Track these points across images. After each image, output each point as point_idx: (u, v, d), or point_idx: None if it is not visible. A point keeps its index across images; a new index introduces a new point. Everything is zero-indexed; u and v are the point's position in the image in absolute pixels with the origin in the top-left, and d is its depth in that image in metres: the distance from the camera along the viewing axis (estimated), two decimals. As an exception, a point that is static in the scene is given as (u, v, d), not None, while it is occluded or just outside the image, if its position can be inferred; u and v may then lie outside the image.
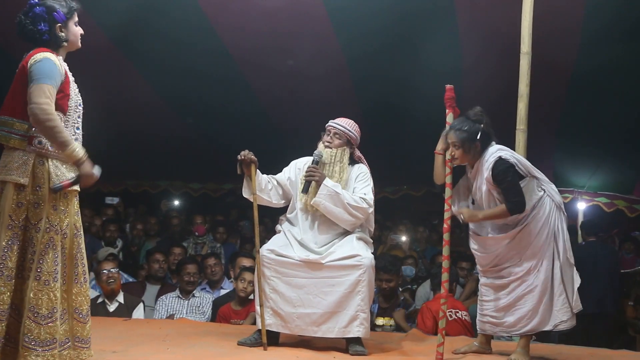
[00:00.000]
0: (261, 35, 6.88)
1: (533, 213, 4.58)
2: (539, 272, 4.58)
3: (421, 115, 5.21)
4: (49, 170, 3.60)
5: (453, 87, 4.69)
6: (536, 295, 4.58)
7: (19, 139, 3.59)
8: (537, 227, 4.58)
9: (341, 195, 4.91)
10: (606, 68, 7.02)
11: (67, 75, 3.70)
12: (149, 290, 7.19)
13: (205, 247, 9.07)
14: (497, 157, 4.52)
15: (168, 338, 5.15)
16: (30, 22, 3.66)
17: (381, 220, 10.72)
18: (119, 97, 7.95)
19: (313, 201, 4.93)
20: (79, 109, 3.77)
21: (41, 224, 3.55)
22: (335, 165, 5.05)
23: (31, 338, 3.50)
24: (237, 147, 4.97)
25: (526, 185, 4.58)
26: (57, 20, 3.70)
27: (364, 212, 5.00)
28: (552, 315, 4.58)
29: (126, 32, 6.82)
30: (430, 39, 6.66)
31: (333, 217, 4.97)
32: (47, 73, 3.54)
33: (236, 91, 7.92)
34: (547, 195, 4.63)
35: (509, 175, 4.50)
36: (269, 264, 4.89)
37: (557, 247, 4.60)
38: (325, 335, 4.85)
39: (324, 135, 5.15)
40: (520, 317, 4.63)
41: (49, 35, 3.69)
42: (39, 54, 3.60)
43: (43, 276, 3.53)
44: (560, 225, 4.63)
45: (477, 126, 4.61)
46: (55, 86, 3.57)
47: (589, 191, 10.49)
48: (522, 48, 5.57)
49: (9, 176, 3.56)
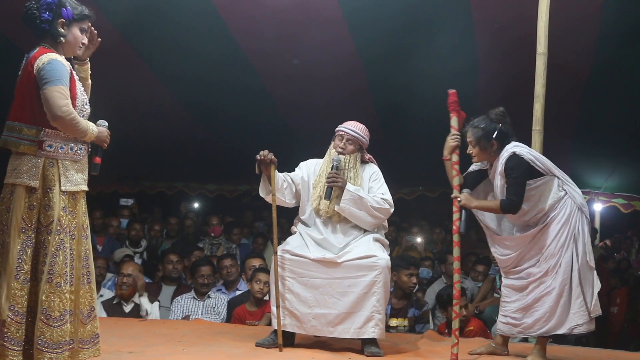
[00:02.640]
0: (277, 40, 6.89)
1: (553, 213, 4.56)
2: (557, 274, 4.55)
3: (436, 116, 5.19)
4: (59, 173, 3.62)
5: (456, 92, 4.68)
6: (554, 296, 4.55)
7: (28, 144, 3.59)
8: (557, 227, 4.55)
9: (365, 199, 4.93)
10: (623, 68, 6.98)
11: (73, 75, 3.71)
12: (164, 291, 7.22)
13: (220, 248, 9.08)
14: (512, 152, 4.53)
15: (184, 339, 5.17)
16: (37, 7, 3.65)
17: (397, 222, 10.71)
18: (137, 100, 7.99)
19: (338, 207, 4.94)
20: (85, 108, 3.77)
21: (52, 226, 3.57)
22: (350, 172, 5.06)
23: (44, 340, 3.52)
24: (253, 149, 4.98)
25: (545, 184, 4.56)
26: (63, 16, 3.69)
27: (387, 213, 5.05)
28: (568, 318, 4.55)
29: (143, 37, 6.86)
30: (445, 41, 6.65)
31: (356, 220, 4.99)
32: (58, 74, 3.54)
33: (252, 94, 7.94)
34: (568, 196, 4.60)
35: (518, 171, 4.48)
36: (285, 264, 4.91)
37: (576, 249, 4.56)
38: (341, 335, 4.84)
39: (335, 139, 5.15)
40: (537, 318, 4.61)
41: (48, 26, 3.66)
42: (44, 55, 3.59)
43: (55, 278, 3.55)
44: (581, 227, 4.59)
45: (494, 125, 4.62)
46: (67, 86, 3.59)
47: (605, 192, 10.44)
48: (538, 49, 5.55)
49: (19, 179, 3.57)
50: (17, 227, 3.54)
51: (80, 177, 3.73)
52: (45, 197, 3.58)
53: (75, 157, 3.70)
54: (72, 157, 3.68)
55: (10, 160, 3.65)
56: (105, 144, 3.84)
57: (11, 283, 3.51)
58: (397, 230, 10.23)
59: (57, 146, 3.62)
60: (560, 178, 4.63)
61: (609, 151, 8.89)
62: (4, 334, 3.50)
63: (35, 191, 3.57)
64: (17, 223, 3.54)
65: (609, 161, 9.41)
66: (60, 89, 3.53)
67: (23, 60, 3.69)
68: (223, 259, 7.38)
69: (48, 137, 3.60)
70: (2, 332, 3.50)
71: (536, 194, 4.55)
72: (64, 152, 3.64)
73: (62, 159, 3.64)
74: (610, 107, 7.85)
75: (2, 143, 3.65)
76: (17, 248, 3.53)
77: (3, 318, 3.49)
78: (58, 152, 3.63)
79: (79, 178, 3.72)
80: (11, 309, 3.51)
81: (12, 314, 3.51)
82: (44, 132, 3.59)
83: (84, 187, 3.75)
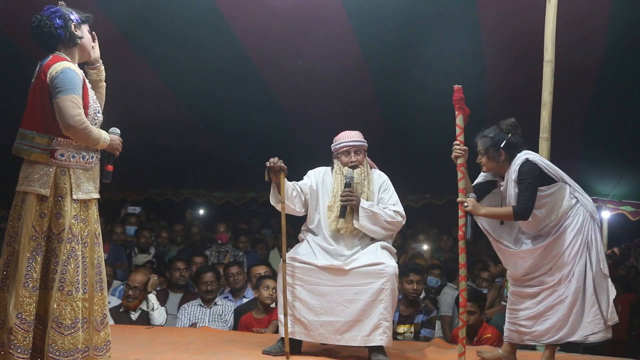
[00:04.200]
0: (282, 45, 6.91)
1: (567, 222, 4.55)
2: (570, 282, 4.53)
3: (444, 123, 5.19)
4: (71, 181, 3.64)
5: (461, 88, 4.63)
6: (567, 305, 4.53)
7: (39, 152, 3.62)
8: (571, 236, 4.54)
9: (379, 214, 4.97)
10: (631, 75, 6.96)
11: (85, 83, 3.73)
12: (171, 298, 7.22)
13: (227, 255, 9.08)
14: (525, 159, 4.51)
15: (191, 346, 5.17)
16: (46, 17, 3.69)
17: (404, 229, 10.67)
18: (144, 108, 8.01)
19: (358, 224, 4.95)
20: (97, 117, 3.80)
21: (64, 234, 3.58)
22: (365, 180, 5.08)
23: (55, 349, 3.54)
24: (259, 157, 4.98)
25: (558, 191, 4.55)
26: (73, 20, 3.74)
27: (399, 225, 5.13)
28: (581, 326, 4.52)
29: (151, 40, 6.88)
30: (453, 48, 6.65)
31: (370, 233, 5.04)
32: (71, 83, 3.57)
33: (261, 104, 7.96)
34: (580, 204, 4.59)
35: (531, 177, 4.46)
36: (292, 272, 4.91)
37: (590, 257, 4.54)
38: (349, 343, 4.84)
39: (341, 157, 5.13)
40: (549, 326, 4.58)
41: (64, 32, 3.70)
42: (57, 64, 3.61)
43: (66, 287, 3.57)
44: (593, 235, 4.58)
45: (503, 135, 4.60)
46: (80, 95, 3.61)
47: (613, 200, 10.40)
48: (545, 56, 5.54)
49: (30, 187, 3.60)
50: (27, 235, 3.56)
51: (92, 185, 3.76)
52: (56, 205, 3.60)
53: (86, 166, 3.72)
54: (84, 166, 3.71)
55: (22, 167, 3.68)
56: (117, 152, 3.87)
57: (19, 291, 3.52)
58: (403, 238, 10.20)
59: (69, 155, 3.65)
60: (571, 185, 4.62)
61: (617, 158, 8.86)
62: (10, 342, 3.51)
63: (47, 199, 3.59)
64: (27, 231, 3.56)
65: (617, 168, 9.38)
66: (73, 97, 3.56)
67: (36, 68, 3.71)
68: (230, 267, 7.37)
69: (60, 145, 3.63)
70: (8, 339, 3.51)
71: (549, 202, 4.53)
72: (75, 161, 3.67)
73: (73, 168, 3.67)
74: (617, 115, 7.82)
75: (15, 151, 3.69)
76: (26, 256, 3.55)
77: (10, 325, 3.50)
78: (70, 160, 3.65)
79: (91, 186, 3.75)
80: (19, 317, 3.52)
81: (20, 322, 3.53)
82: (56, 141, 3.62)
83: (95, 195, 3.78)
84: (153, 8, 6.32)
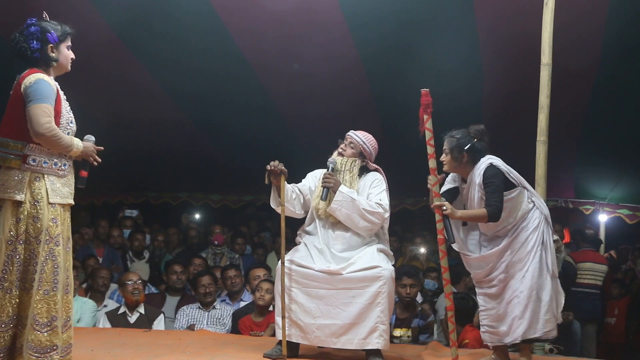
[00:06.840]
0: (280, 48, 6.91)
1: (523, 224, 4.69)
2: (524, 278, 4.63)
3: (440, 126, 5.19)
4: (46, 186, 3.76)
5: (429, 91, 4.68)
6: (522, 300, 4.62)
7: (14, 158, 3.74)
8: (526, 234, 4.67)
9: (357, 201, 4.91)
10: (628, 78, 6.97)
11: (59, 94, 3.85)
12: (168, 301, 7.21)
13: (223, 258, 9.07)
14: (489, 163, 4.62)
15: (189, 349, 5.16)
16: (23, 39, 3.82)
17: (400, 232, 10.68)
18: (142, 111, 8.00)
19: (329, 208, 4.94)
20: (70, 126, 3.90)
21: (42, 237, 3.72)
22: (345, 174, 5.06)
23: (32, 346, 3.65)
24: (257, 160, 4.98)
25: (518, 195, 4.67)
26: (50, 41, 3.85)
27: (380, 217, 4.98)
28: (540, 323, 4.62)
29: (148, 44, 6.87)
30: (450, 50, 6.66)
31: (349, 223, 4.96)
32: (43, 93, 3.70)
33: (258, 108, 7.96)
34: (536, 207, 4.74)
35: (498, 180, 4.57)
36: (289, 275, 4.90)
37: (545, 257, 4.67)
38: (345, 346, 4.83)
39: (340, 143, 5.19)
40: (510, 324, 4.68)
41: (39, 54, 3.83)
42: (32, 75, 3.74)
43: (43, 286, 3.69)
44: (547, 237, 4.72)
45: (469, 139, 4.72)
46: (52, 105, 3.73)
47: (610, 203, 10.41)
48: (542, 59, 5.55)
49: (6, 194, 3.72)
50: (4, 240, 3.69)
51: (67, 191, 3.89)
52: (32, 209, 3.72)
53: (59, 173, 3.84)
54: (56, 172, 3.83)
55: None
56: (91, 159, 3.99)
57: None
58: (400, 241, 10.20)
59: (41, 161, 3.77)
60: (529, 190, 4.77)
61: (614, 162, 8.87)
62: None
63: (22, 204, 3.71)
64: (4, 236, 3.69)
65: (614, 172, 9.39)
66: (44, 107, 3.69)
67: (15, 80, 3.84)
68: (227, 270, 7.37)
69: (32, 151, 3.75)
70: None
71: (509, 205, 4.63)
72: (48, 167, 3.79)
73: (47, 174, 3.78)
74: (615, 118, 7.83)
75: None
76: (2, 259, 3.67)
77: None
78: (42, 166, 3.78)
79: (66, 192, 3.87)
80: None
81: None
82: (29, 147, 3.75)
83: (70, 201, 3.91)
84: (150, 11, 6.31)
